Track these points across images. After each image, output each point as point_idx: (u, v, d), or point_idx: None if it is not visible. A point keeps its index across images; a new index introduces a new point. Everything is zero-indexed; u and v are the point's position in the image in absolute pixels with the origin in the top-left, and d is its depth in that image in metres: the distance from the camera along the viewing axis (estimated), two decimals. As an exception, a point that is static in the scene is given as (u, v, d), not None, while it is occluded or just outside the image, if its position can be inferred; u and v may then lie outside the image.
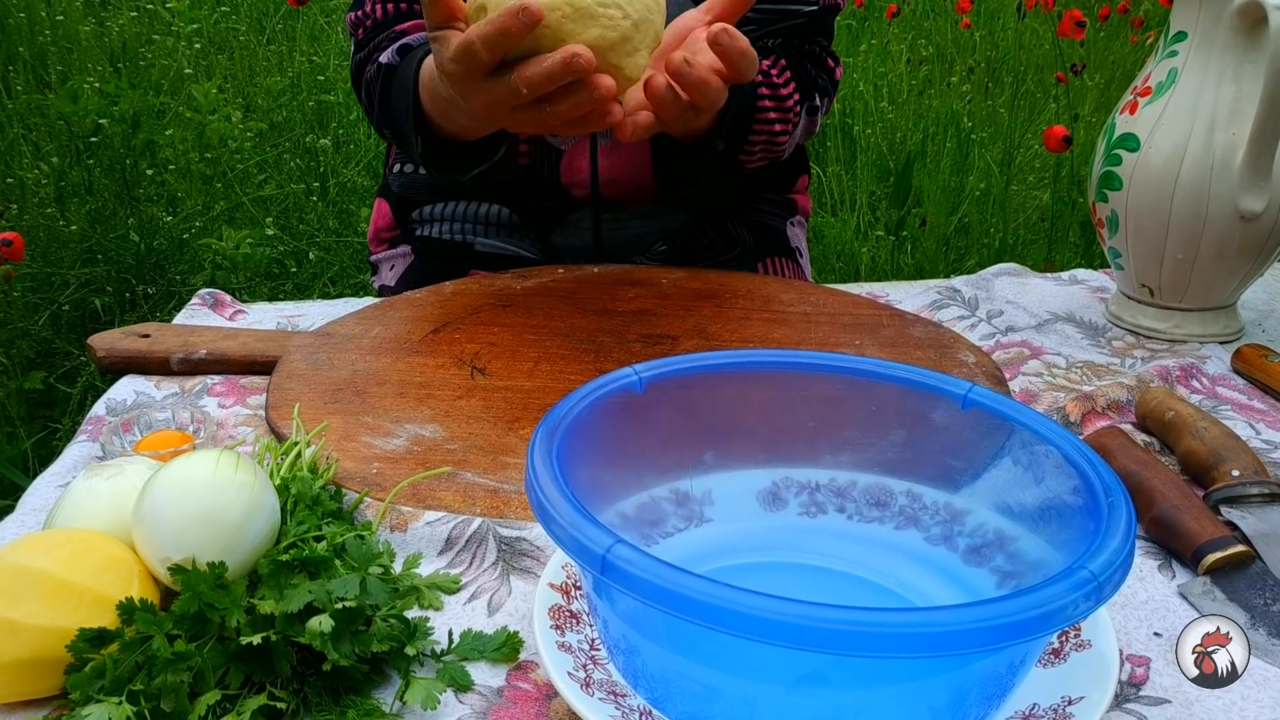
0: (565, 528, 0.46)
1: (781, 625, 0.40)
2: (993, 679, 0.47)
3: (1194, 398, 0.84)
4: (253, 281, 2.49)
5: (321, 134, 3.20)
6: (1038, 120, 3.49)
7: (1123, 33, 4.39)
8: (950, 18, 4.49)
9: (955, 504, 0.65)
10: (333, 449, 0.75)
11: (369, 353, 0.90)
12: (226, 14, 4.25)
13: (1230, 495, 0.67)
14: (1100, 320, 0.99)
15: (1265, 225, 0.88)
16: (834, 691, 0.46)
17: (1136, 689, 0.54)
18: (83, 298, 2.42)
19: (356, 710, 0.52)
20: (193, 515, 0.56)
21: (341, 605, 0.53)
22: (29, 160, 2.87)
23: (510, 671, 0.56)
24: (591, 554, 0.44)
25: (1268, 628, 0.58)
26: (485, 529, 0.66)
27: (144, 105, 2.90)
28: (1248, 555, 0.62)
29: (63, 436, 1.95)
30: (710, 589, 0.42)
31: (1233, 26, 0.85)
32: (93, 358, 0.90)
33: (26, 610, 0.52)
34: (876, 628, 0.40)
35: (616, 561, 0.44)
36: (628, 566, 0.44)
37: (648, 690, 0.50)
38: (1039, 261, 2.56)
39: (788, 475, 0.68)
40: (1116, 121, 0.93)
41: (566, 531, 0.46)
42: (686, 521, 0.65)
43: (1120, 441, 0.70)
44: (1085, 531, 0.48)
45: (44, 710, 0.53)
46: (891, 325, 0.94)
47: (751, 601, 0.41)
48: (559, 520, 0.47)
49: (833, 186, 3.12)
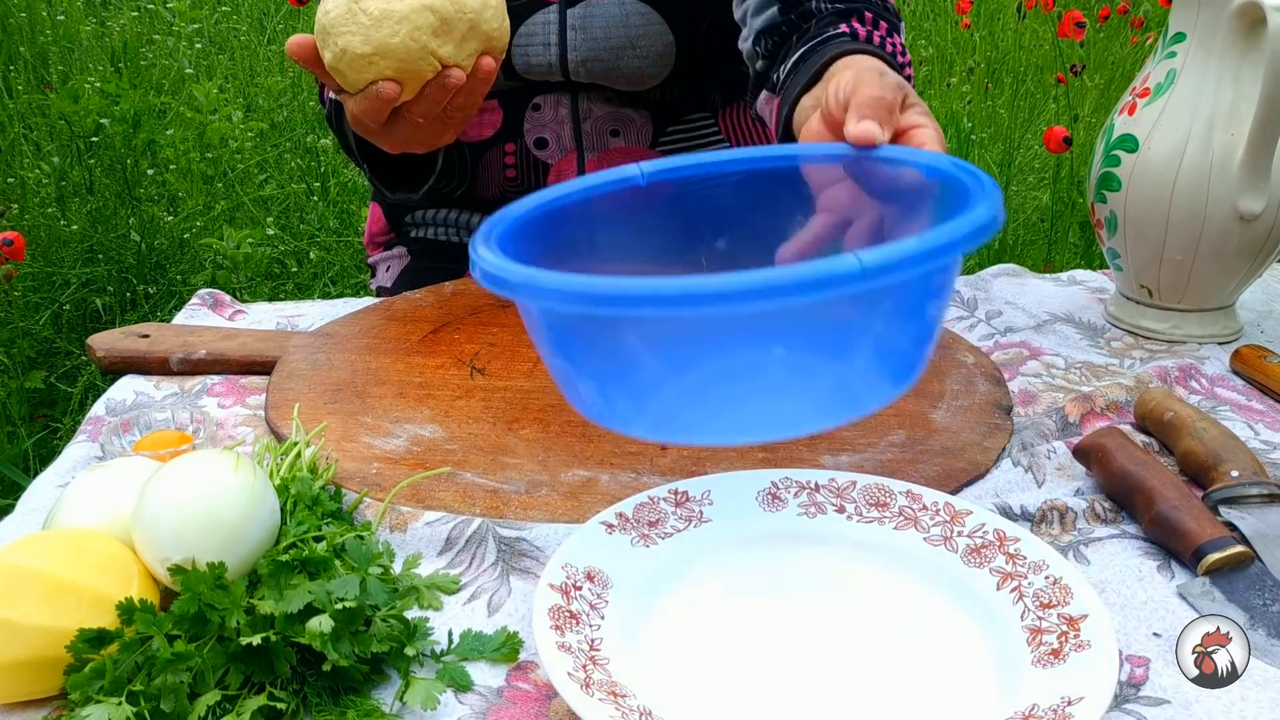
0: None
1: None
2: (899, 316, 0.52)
3: (1193, 398, 0.84)
4: (253, 281, 2.49)
5: (322, 134, 3.20)
6: (1037, 121, 3.49)
7: (1122, 33, 4.39)
8: (950, 18, 4.49)
9: (955, 504, 0.65)
10: (332, 449, 0.75)
11: (369, 353, 0.90)
12: (227, 14, 4.25)
13: (1229, 496, 0.67)
14: (1099, 321, 0.99)
15: (1264, 226, 0.88)
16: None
17: (1136, 689, 0.54)
18: (83, 297, 2.42)
19: (356, 710, 0.52)
20: (192, 515, 0.56)
21: (341, 605, 0.53)
22: (30, 160, 2.88)
23: (510, 672, 0.56)
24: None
25: (1267, 628, 0.58)
26: (485, 529, 0.66)
27: (145, 105, 2.90)
28: (1247, 556, 0.62)
29: (63, 436, 1.95)
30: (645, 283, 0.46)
31: (1231, 27, 0.85)
32: (93, 357, 0.90)
33: (26, 610, 0.52)
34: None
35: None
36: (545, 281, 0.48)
37: (622, 401, 0.55)
38: (1038, 262, 2.56)
39: (788, 475, 0.68)
40: (1115, 122, 0.93)
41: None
42: (686, 521, 0.65)
43: (1119, 442, 0.70)
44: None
45: (43, 710, 0.53)
46: (891, 326, 0.94)
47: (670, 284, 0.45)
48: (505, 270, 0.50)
49: (833, 187, 3.11)
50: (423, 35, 0.78)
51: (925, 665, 0.55)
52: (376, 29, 0.77)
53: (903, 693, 0.54)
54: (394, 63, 0.78)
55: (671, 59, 1.02)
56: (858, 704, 0.53)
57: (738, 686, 0.54)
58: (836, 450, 0.75)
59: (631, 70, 1.02)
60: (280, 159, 3.16)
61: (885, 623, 0.59)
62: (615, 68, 1.01)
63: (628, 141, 1.06)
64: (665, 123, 1.06)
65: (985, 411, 0.80)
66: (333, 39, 0.79)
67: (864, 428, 0.78)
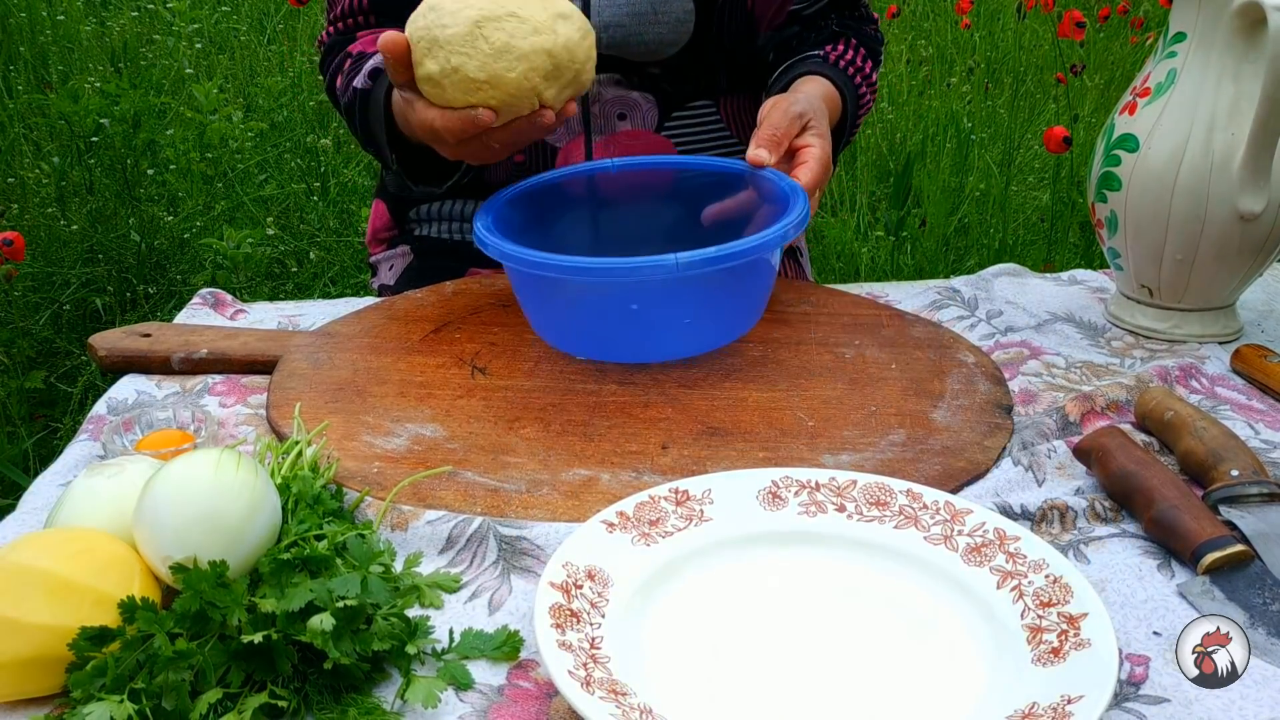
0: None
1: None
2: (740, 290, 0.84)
3: (1193, 398, 0.84)
4: (253, 281, 2.49)
5: (322, 134, 3.20)
6: (1037, 121, 3.49)
7: (1122, 33, 4.39)
8: (950, 18, 4.49)
9: (955, 504, 0.65)
10: (333, 448, 0.75)
11: (369, 352, 0.90)
12: (227, 14, 4.25)
13: (1229, 495, 0.67)
14: (1100, 320, 0.99)
15: (1264, 226, 0.88)
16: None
17: (1136, 688, 0.55)
18: (83, 297, 2.42)
19: (357, 709, 0.52)
20: (194, 514, 0.56)
21: (342, 604, 0.53)
22: (30, 160, 2.88)
23: (511, 670, 0.56)
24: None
25: (1267, 627, 0.58)
26: (486, 528, 0.66)
27: (145, 105, 2.89)
28: (1247, 555, 0.62)
29: (64, 436, 1.95)
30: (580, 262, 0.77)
31: (1232, 27, 0.85)
32: (94, 357, 0.90)
33: (28, 609, 0.52)
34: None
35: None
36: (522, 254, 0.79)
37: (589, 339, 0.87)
38: (1038, 262, 2.56)
39: (788, 474, 0.68)
40: (1116, 122, 0.93)
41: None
42: (687, 520, 0.65)
43: (1120, 441, 0.70)
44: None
45: (46, 708, 0.53)
46: (891, 325, 0.94)
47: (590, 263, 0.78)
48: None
49: (833, 187, 3.12)
50: (535, 76, 0.81)
51: (925, 664, 0.56)
52: (495, 60, 0.80)
53: (903, 691, 0.54)
54: (501, 95, 0.81)
55: (690, 27, 1.05)
56: (858, 702, 0.53)
57: (738, 685, 0.54)
58: (837, 449, 0.75)
59: (652, 37, 1.05)
60: (280, 159, 3.16)
61: (885, 622, 0.59)
62: (636, 34, 1.04)
63: (634, 126, 1.07)
64: (670, 108, 1.08)
65: (986, 411, 0.80)
66: (445, 54, 0.80)
67: (864, 427, 0.78)
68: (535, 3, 0.83)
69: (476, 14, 0.80)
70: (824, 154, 0.91)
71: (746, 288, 0.85)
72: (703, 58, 1.08)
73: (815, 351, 0.89)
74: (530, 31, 0.81)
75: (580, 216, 0.98)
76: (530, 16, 0.82)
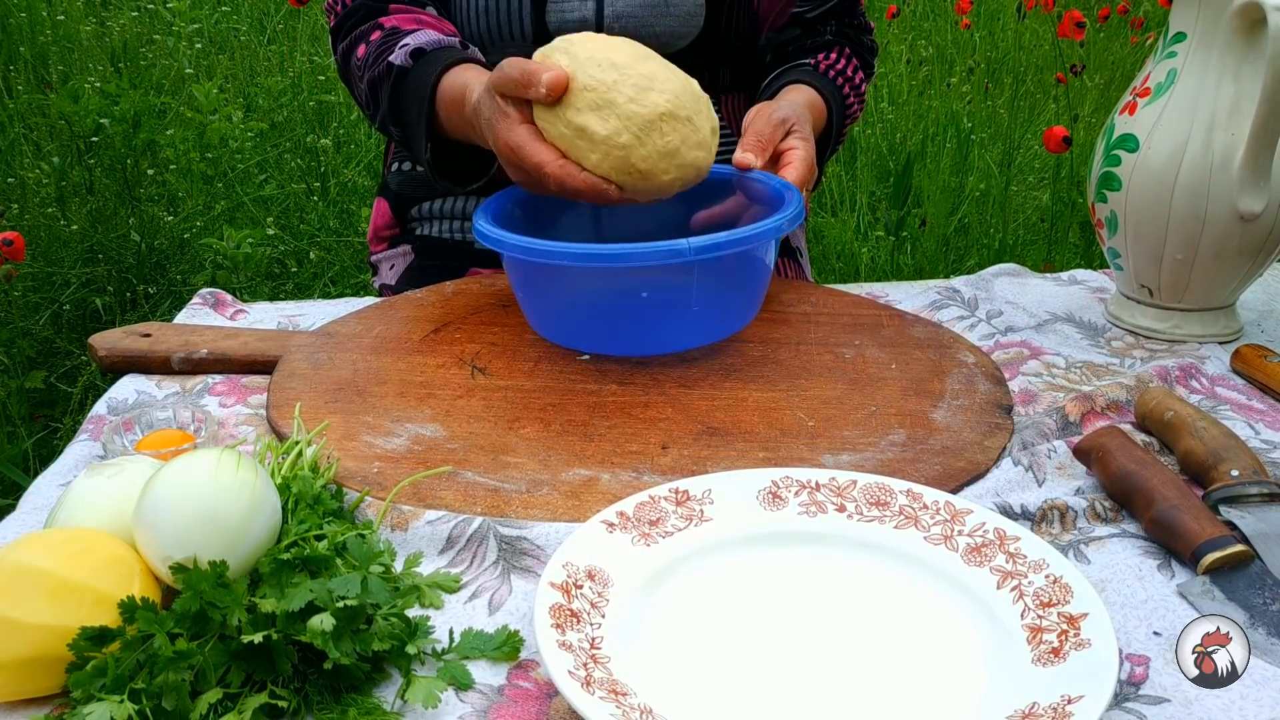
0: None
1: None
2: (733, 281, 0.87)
3: (1193, 398, 0.84)
4: (253, 281, 2.49)
5: (322, 134, 3.20)
6: (1037, 121, 3.49)
7: (1122, 33, 4.39)
8: (950, 18, 4.49)
9: (955, 503, 0.65)
10: (333, 448, 0.75)
11: (370, 352, 0.90)
12: (227, 14, 4.25)
13: (1229, 495, 0.67)
14: (1100, 320, 0.99)
15: (1264, 226, 0.88)
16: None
17: (1136, 688, 0.55)
18: (83, 297, 2.42)
19: (358, 709, 0.52)
20: (194, 514, 0.56)
21: (342, 604, 0.53)
22: (30, 160, 2.88)
23: (511, 670, 0.56)
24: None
25: (1267, 627, 0.58)
26: (486, 528, 0.66)
27: (145, 105, 2.90)
28: (1247, 555, 0.62)
29: (64, 436, 1.95)
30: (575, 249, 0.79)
31: (1232, 27, 0.85)
32: (94, 357, 0.90)
33: (28, 609, 0.52)
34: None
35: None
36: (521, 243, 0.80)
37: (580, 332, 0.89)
38: (1038, 262, 2.56)
39: (788, 474, 0.68)
40: (1116, 122, 0.93)
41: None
42: (687, 520, 0.65)
43: (1120, 441, 0.70)
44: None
45: (46, 708, 0.53)
46: (891, 325, 0.94)
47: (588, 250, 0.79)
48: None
49: (833, 187, 3.12)
50: (676, 185, 0.82)
51: (925, 664, 0.56)
52: (660, 159, 0.80)
53: (902, 691, 0.54)
54: (637, 183, 0.80)
55: (700, 21, 1.06)
56: (858, 702, 0.53)
57: (738, 685, 0.54)
58: (837, 449, 0.75)
59: (663, 29, 1.05)
60: (280, 159, 3.16)
61: (885, 621, 0.59)
62: (648, 25, 1.05)
63: None
64: None
65: (986, 411, 0.80)
66: (618, 125, 0.78)
67: (865, 427, 0.78)
68: (704, 110, 0.83)
69: (666, 106, 0.79)
70: (808, 155, 0.92)
71: (748, 279, 0.88)
72: (709, 53, 1.08)
73: (815, 351, 0.89)
74: (696, 145, 0.81)
75: (580, 215, 0.99)
76: (701, 127, 0.82)
